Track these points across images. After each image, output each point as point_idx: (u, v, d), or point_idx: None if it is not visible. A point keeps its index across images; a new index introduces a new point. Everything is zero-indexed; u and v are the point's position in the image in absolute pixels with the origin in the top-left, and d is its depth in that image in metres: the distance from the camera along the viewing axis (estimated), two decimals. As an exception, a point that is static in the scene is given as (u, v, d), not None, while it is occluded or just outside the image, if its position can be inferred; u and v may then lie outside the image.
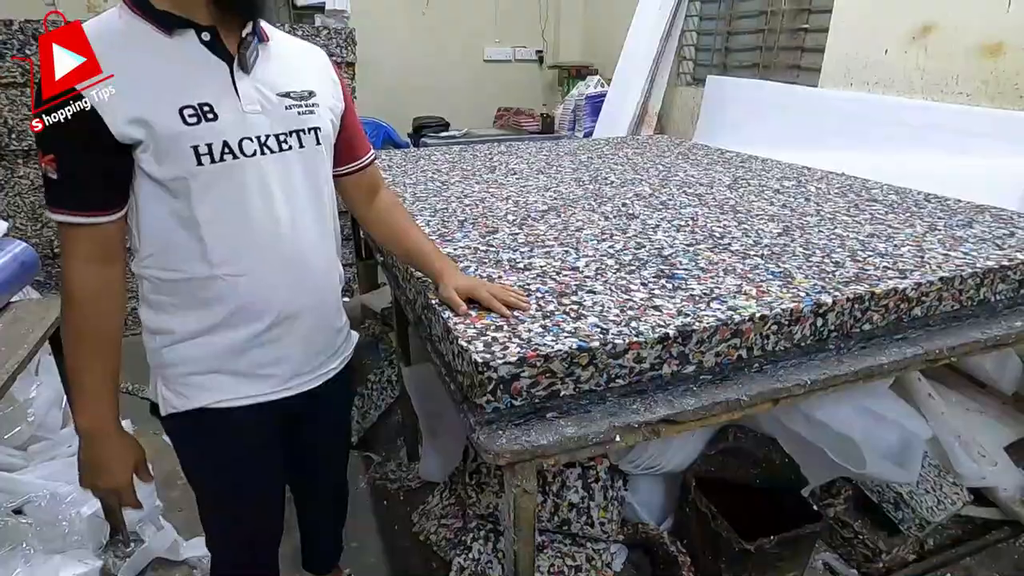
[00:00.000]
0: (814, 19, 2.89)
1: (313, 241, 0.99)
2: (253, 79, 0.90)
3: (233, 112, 0.87)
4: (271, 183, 0.91)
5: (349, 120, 1.08)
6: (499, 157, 2.47)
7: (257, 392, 0.99)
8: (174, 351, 0.95)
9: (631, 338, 0.90)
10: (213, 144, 0.85)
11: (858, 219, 1.54)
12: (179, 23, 0.84)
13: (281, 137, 0.92)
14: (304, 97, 0.96)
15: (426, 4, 4.57)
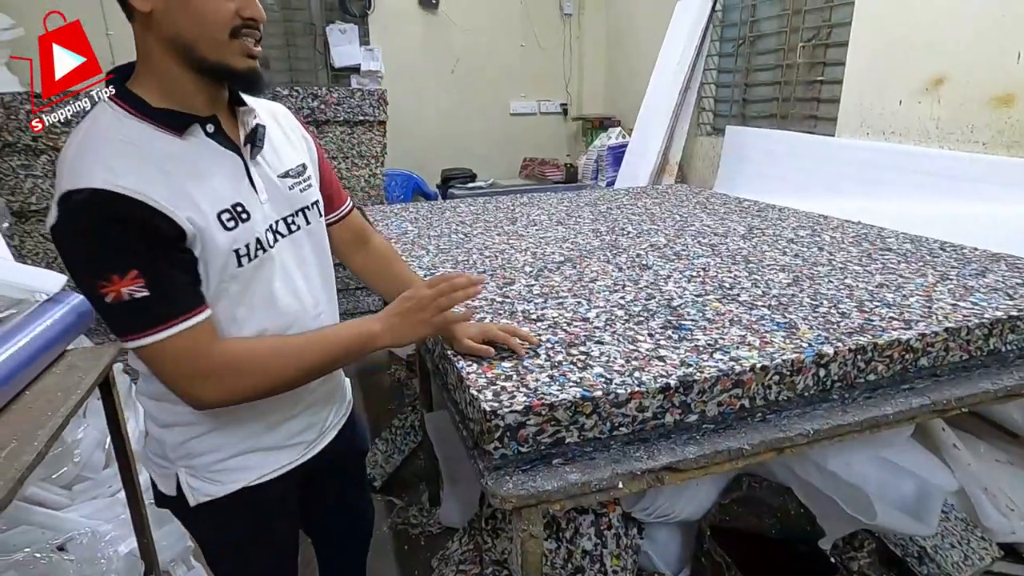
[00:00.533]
0: (829, 71, 2.97)
1: (329, 310, 1.04)
2: (258, 165, 0.91)
3: (257, 206, 0.88)
4: (290, 268, 0.94)
5: (324, 170, 1.07)
6: (521, 208, 2.57)
7: (290, 460, 1.01)
8: (202, 441, 0.93)
9: (633, 388, 0.95)
10: (249, 244, 0.86)
11: (869, 268, 1.56)
12: (185, 121, 0.83)
13: (289, 219, 0.94)
14: (300, 172, 0.98)
15: (455, 63, 4.82)
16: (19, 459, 0.96)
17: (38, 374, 1.26)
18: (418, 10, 4.60)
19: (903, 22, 2.47)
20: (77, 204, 0.73)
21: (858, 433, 1.07)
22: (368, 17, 4.52)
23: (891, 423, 1.08)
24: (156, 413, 0.94)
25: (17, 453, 0.97)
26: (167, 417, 0.93)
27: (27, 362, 1.21)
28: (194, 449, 0.93)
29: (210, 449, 0.94)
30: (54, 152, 2.69)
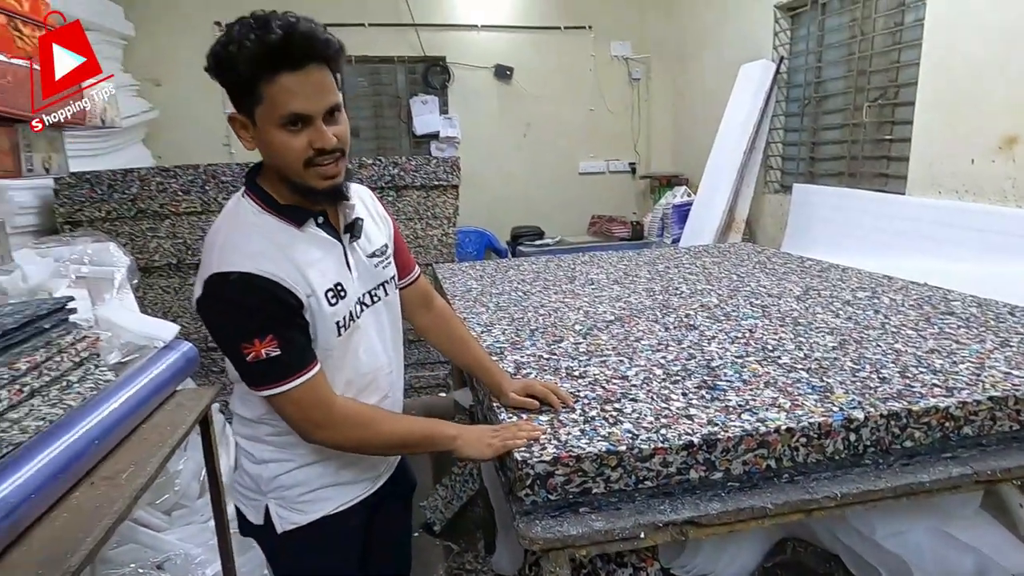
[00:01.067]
0: (897, 130, 2.94)
1: (398, 368, 1.22)
2: (354, 250, 1.09)
3: (351, 284, 1.06)
4: (371, 334, 1.12)
5: (398, 243, 1.25)
6: (581, 267, 2.69)
7: (362, 492, 1.17)
8: (291, 476, 1.09)
9: (657, 444, 1.02)
10: (345, 316, 1.04)
11: (924, 333, 1.55)
12: (303, 216, 1.01)
13: (373, 292, 1.12)
14: (383, 252, 1.15)
15: (527, 127, 5.11)
16: (135, 482, 1.16)
17: (153, 410, 1.48)
18: (493, 81, 4.96)
19: (970, 81, 2.44)
20: (228, 283, 0.92)
21: (893, 500, 1.07)
22: (448, 89, 4.92)
23: (928, 491, 1.08)
24: (252, 451, 1.11)
25: (134, 476, 1.17)
26: (262, 454, 1.09)
27: (146, 399, 1.44)
28: (284, 483, 1.09)
29: (297, 483, 1.09)
30: (175, 217, 3.12)
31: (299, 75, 0.92)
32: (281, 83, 0.92)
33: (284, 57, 0.91)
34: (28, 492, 1.00)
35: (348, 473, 1.14)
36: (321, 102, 0.95)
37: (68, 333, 1.40)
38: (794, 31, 3.69)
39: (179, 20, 4.41)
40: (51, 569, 0.90)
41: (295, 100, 0.93)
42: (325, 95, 0.96)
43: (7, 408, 1.14)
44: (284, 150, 0.95)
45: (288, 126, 0.94)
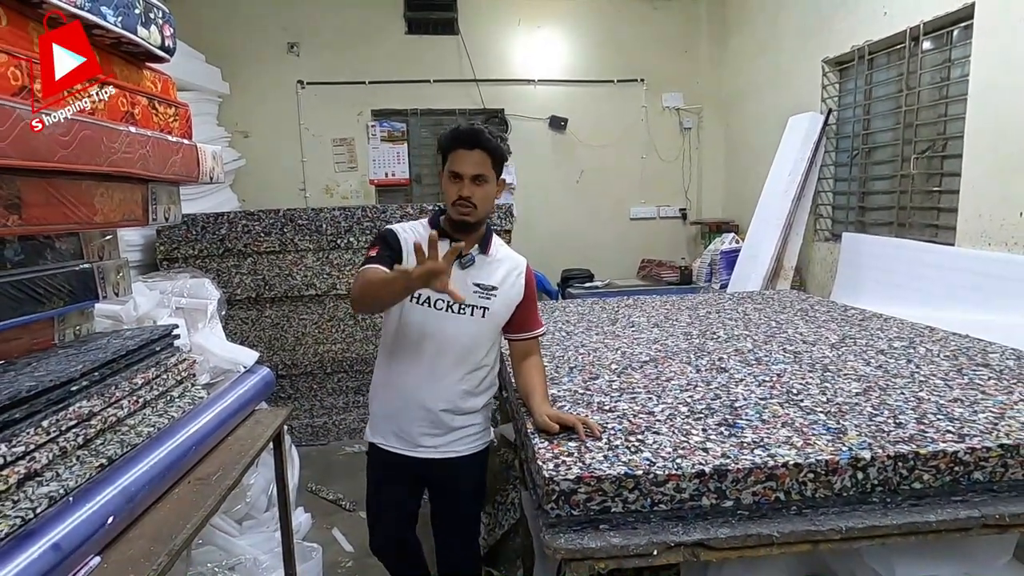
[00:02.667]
0: (946, 181, 2.96)
1: (452, 372, 1.59)
2: (464, 273, 1.58)
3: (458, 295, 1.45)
4: (446, 329, 1.57)
5: (524, 306, 1.67)
6: (624, 310, 2.81)
7: (399, 447, 1.64)
8: (372, 401, 1.71)
9: (671, 471, 1.14)
10: (423, 296, 1.55)
11: (952, 383, 1.59)
12: (444, 236, 1.56)
13: (464, 307, 1.57)
14: (489, 289, 1.60)
15: (580, 174, 5.33)
16: (223, 483, 1.36)
17: (236, 425, 1.71)
18: (548, 131, 5.23)
19: (1018, 134, 2.47)
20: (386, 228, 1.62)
21: (900, 537, 1.14)
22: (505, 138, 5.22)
23: (935, 531, 1.14)
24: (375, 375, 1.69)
25: (222, 479, 1.38)
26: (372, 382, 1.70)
27: (231, 416, 1.67)
28: (370, 405, 1.72)
29: (374, 412, 1.70)
30: (257, 256, 3.47)
31: (462, 151, 1.53)
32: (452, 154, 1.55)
33: (458, 142, 1.54)
34: (143, 484, 1.22)
35: (393, 424, 1.64)
36: (470, 168, 1.53)
37: (172, 355, 1.65)
38: (842, 84, 3.77)
39: (267, 80, 4.93)
40: (160, 545, 1.09)
41: (456, 164, 1.54)
42: (475, 167, 1.53)
43: (127, 415, 1.38)
44: (447, 194, 1.56)
45: (451, 178, 1.55)
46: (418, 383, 1.59)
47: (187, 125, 1.69)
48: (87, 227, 1.37)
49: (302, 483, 2.87)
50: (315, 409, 3.68)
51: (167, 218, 1.63)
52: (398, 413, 1.62)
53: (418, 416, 1.60)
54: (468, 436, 1.67)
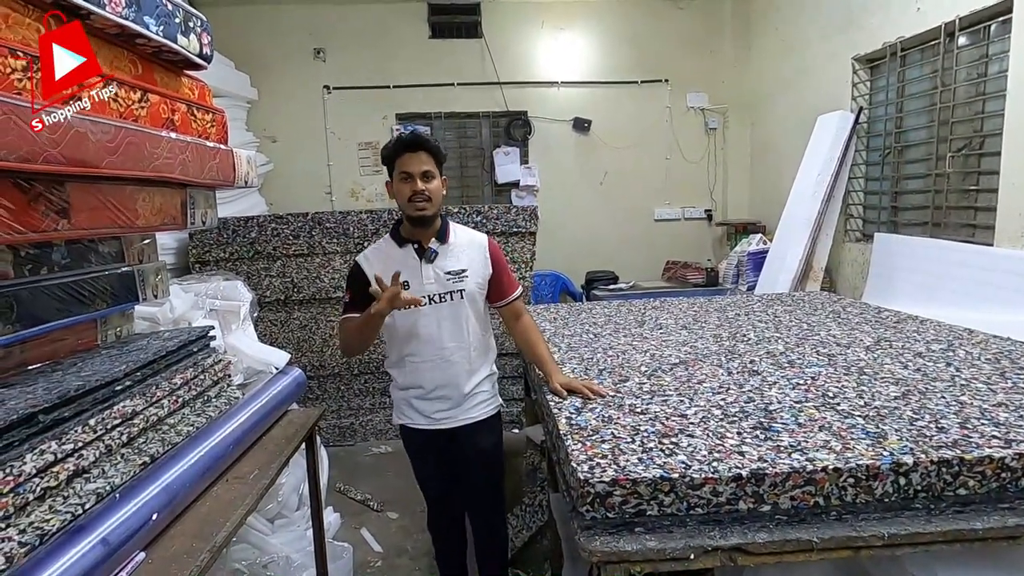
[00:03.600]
0: (984, 180, 2.89)
1: (451, 352, 1.83)
2: (433, 266, 1.79)
3: (416, 283, 1.76)
4: (430, 321, 1.79)
5: (497, 275, 1.87)
6: (651, 312, 2.79)
7: (425, 424, 1.88)
8: (394, 394, 1.94)
9: (708, 474, 1.13)
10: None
11: (995, 387, 1.55)
12: (405, 242, 1.80)
13: (442, 295, 1.79)
14: (458, 273, 1.80)
15: (603, 175, 5.31)
16: (260, 482, 1.39)
17: (271, 425, 1.74)
18: (571, 132, 5.22)
19: (1059, 133, 2.40)
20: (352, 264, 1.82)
21: (945, 544, 1.12)
22: (528, 140, 5.23)
23: (981, 539, 1.11)
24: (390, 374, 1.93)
25: (259, 478, 1.41)
26: (393, 379, 1.93)
27: (266, 416, 1.70)
28: (393, 394, 1.94)
29: (395, 400, 1.94)
30: (286, 259, 3.52)
31: (407, 155, 1.74)
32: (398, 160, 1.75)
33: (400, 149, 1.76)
34: (184, 482, 1.24)
35: (418, 405, 1.88)
36: (417, 167, 1.73)
37: (208, 356, 1.69)
38: (873, 82, 3.69)
39: (294, 85, 5.01)
40: (201, 542, 1.12)
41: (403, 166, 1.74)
42: (422, 164, 1.73)
43: (168, 414, 1.41)
44: (400, 196, 1.75)
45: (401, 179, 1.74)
46: (431, 367, 1.83)
47: (223, 130, 1.72)
48: (130, 231, 1.41)
49: (330, 483, 2.91)
50: (342, 410, 3.73)
51: (204, 222, 1.67)
52: (423, 398, 1.86)
53: (439, 395, 1.85)
54: (480, 403, 1.91)
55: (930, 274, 2.96)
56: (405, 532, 2.63)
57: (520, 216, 3.67)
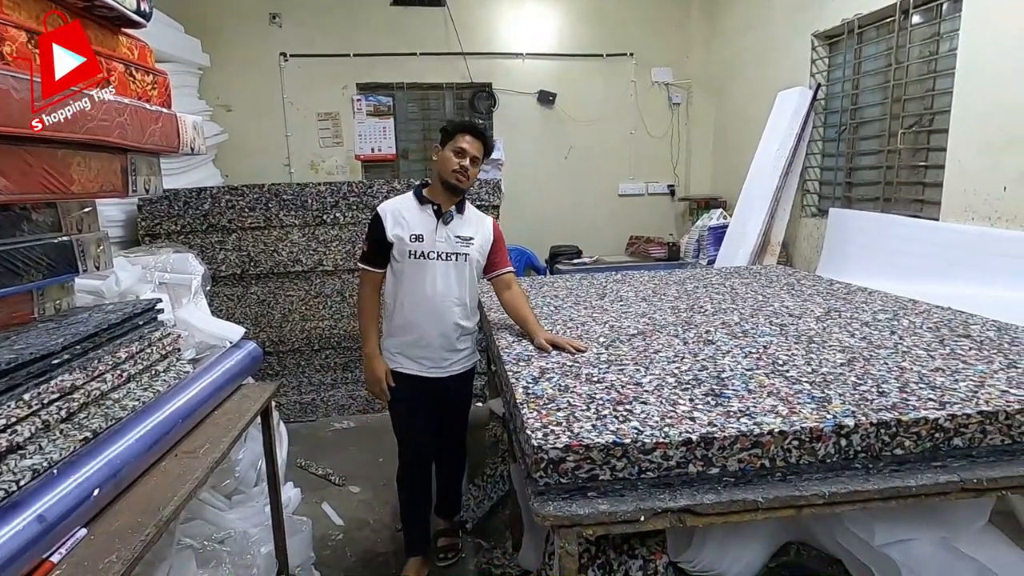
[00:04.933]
0: (933, 156, 2.97)
1: (445, 304, 2.03)
2: (446, 228, 2.03)
3: (430, 238, 2.00)
4: (437, 273, 2.01)
5: (495, 250, 2.13)
6: (613, 285, 2.82)
7: (414, 369, 2.07)
8: (386, 341, 2.11)
9: (659, 439, 1.15)
10: (418, 251, 1.99)
11: (934, 353, 1.61)
12: (426, 202, 2.03)
13: (449, 254, 2.02)
14: (467, 239, 2.05)
15: (568, 150, 5.29)
16: (210, 456, 1.36)
17: (223, 399, 1.70)
18: (537, 106, 5.17)
19: (1003, 109, 2.48)
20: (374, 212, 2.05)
21: (882, 502, 1.17)
22: (493, 113, 5.16)
23: (914, 495, 1.17)
24: (383, 321, 2.14)
25: (209, 452, 1.37)
26: (384, 325, 2.14)
27: (218, 390, 1.65)
28: (384, 343, 2.11)
29: (387, 346, 2.11)
30: (241, 232, 3.42)
31: (469, 137, 1.99)
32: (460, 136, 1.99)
33: (465, 129, 2.01)
34: (128, 457, 1.20)
35: (409, 352, 2.08)
36: (471, 150, 1.98)
37: (156, 330, 1.63)
38: (832, 58, 3.75)
39: (249, 52, 4.80)
40: (147, 517, 1.09)
41: (461, 143, 1.98)
42: (476, 150, 2.00)
43: (111, 389, 1.36)
44: (447, 163, 1.97)
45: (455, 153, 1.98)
46: (432, 317, 2.02)
47: (166, 94, 1.64)
48: (64, 197, 1.34)
49: (291, 459, 2.87)
50: (303, 386, 3.68)
51: (147, 189, 1.59)
52: (416, 343, 2.05)
53: (435, 344, 2.05)
54: (464, 357, 2.14)
55: (880, 248, 3.06)
56: (367, 506, 2.63)
57: (484, 189, 3.63)
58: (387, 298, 2.10)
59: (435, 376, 2.08)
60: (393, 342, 2.09)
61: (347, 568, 2.21)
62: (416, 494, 2.19)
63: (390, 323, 2.10)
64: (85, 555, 0.99)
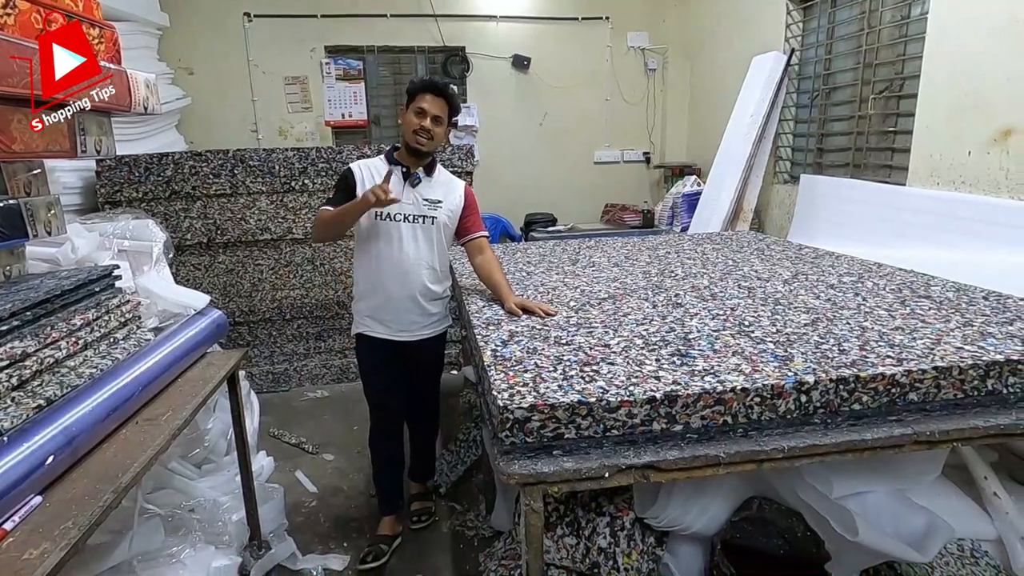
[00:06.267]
0: (901, 122, 3.00)
1: (416, 267, 2.01)
2: (416, 191, 2.00)
3: (400, 202, 1.91)
4: (404, 235, 1.99)
5: (467, 214, 2.09)
6: (586, 251, 2.81)
7: (383, 333, 2.06)
8: (355, 306, 2.10)
9: (624, 398, 1.16)
10: (383, 213, 1.95)
11: (895, 314, 1.65)
12: (396, 163, 1.98)
13: (416, 217, 1.99)
14: (435, 203, 2.02)
15: (543, 116, 5.22)
16: (172, 423, 1.33)
17: (187, 367, 1.66)
18: (511, 71, 5.07)
19: (969, 75, 2.50)
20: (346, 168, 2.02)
21: (839, 455, 1.20)
22: (467, 78, 5.05)
23: (870, 448, 1.20)
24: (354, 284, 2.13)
25: (171, 419, 1.35)
26: (355, 287, 2.12)
27: (180, 357, 1.62)
28: (355, 308, 2.11)
29: (357, 310, 2.10)
30: (207, 199, 3.32)
31: (429, 96, 1.93)
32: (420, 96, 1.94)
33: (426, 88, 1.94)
34: (85, 425, 1.18)
35: (378, 315, 2.05)
36: (433, 109, 1.93)
37: (114, 297, 1.58)
38: (806, 23, 3.73)
39: (211, 12, 4.60)
40: (105, 484, 1.07)
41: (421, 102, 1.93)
42: (438, 109, 1.94)
43: (66, 356, 1.32)
44: (408, 126, 1.93)
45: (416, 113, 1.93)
46: (399, 280, 2.00)
47: (114, 48, 1.56)
48: (5, 157, 1.27)
49: (264, 429, 2.86)
50: (275, 356, 3.64)
51: (99, 150, 1.53)
52: (384, 306, 2.03)
53: (403, 307, 2.03)
54: (434, 322, 2.13)
55: (848, 213, 3.10)
56: (341, 473, 2.63)
57: (456, 155, 3.57)
58: (356, 261, 2.09)
59: (404, 340, 2.07)
60: (362, 305, 2.07)
61: (321, 534, 2.22)
62: (388, 456, 2.19)
63: (359, 286, 2.08)
64: (40, 522, 0.97)
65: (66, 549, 0.89)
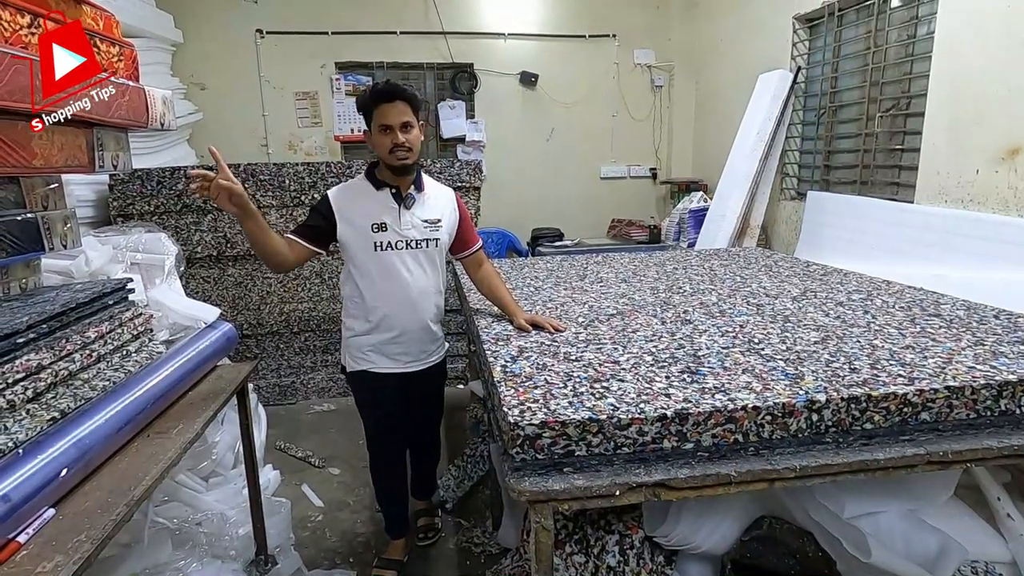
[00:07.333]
0: (908, 140, 3.01)
1: (422, 294, 1.90)
2: (410, 213, 1.86)
3: (395, 229, 1.83)
4: (408, 263, 1.86)
5: (463, 227, 1.98)
6: (593, 267, 2.82)
7: (389, 367, 1.93)
8: (353, 341, 1.93)
9: (635, 415, 1.16)
10: (383, 242, 1.82)
11: (905, 331, 1.64)
12: (382, 185, 1.84)
13: (419, 242, 1.87)
14: (434, 222, 1.89)
15: (550, 132, 5.26)
16: (183, 436, 1.34)
17: (197, 380, 1.67)
18: (518, 87, 5.12)
19: (977, 93, 2.51)
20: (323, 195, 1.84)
21: (851, 474, 1.19)
22: (475, 94, 5.10)
23: (883, 468, 1.19)
24: (343, 322, 1.97)
25: (183, 432, 1.36)
26: (345, 325, 1.97)
27: (191, 370, 1.63)
28: (351, 344, 1.94)
29: (356, 346, 1.93)
30: (217, 212, 3.35)
31: (385, 105, 1.73)
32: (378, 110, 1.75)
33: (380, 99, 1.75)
34: (98, 437, 1.18)
35: (385, 350, 1.92)
36: (398, 119, 1.74)
37: (127, 310, 1.60)
38: (812, 41, 3.76)
39: (224, 29, 4.68)
40: (118, 497, 1.07)
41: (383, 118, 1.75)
42: (400, 115, 1.74)
43: (80, 369, 1.33)
44: (381, 146, 1.76)
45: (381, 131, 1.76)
46: (409, 310, 1.89)
47: (133, 66, 1.59)
48: (26, 172, 1.30)
49: (271, 442, 2.86)
50: (282, 369, 3.65)
51: (115, 165, 1.55)
52: (396, 339, 1.91)
53: (416, 338, 1.93)
54: (439, 346, 2.06)
55: (856, 230, 3.10)
56: (347, 487, 2.63)
57: (464, 170, 3.60)
58: (353, 297, 1.90)
59: (413, 370, 1.97)
60: (366, 341, 1.90)
61: (327, 548, 2.21)
62: (393, 484, 2.13)
63: (361, 322, 1.90)
64: (53, 535, 0.97)
65: (79, 563, 0.89)
